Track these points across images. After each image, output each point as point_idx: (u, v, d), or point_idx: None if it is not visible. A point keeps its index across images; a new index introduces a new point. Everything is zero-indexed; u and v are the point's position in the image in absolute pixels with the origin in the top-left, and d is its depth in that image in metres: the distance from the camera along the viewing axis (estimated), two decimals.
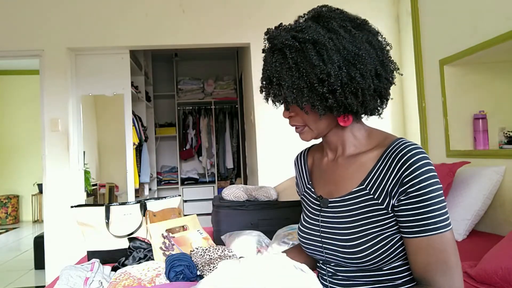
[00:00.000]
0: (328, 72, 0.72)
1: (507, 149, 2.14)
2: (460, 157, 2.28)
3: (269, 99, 0.84)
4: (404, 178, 0.71)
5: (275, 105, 0.86)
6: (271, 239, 1.80)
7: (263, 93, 0.84)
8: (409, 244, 0.72)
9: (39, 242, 3.44)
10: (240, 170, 5.30)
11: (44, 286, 3.14)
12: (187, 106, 5.62)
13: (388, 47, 0.81)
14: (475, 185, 1.95)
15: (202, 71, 5.65)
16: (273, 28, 0.81)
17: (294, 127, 0.85)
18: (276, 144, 3.25)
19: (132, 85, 3.52)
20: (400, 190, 0.72)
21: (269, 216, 1.96)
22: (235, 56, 5.45)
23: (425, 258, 0.70)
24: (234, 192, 2.03)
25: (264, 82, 0.82)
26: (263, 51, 0.82)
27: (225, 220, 1.94)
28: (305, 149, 1.00)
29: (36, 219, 6.29)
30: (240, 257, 1.30)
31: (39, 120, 3.16)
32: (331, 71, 0.73)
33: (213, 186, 5.45)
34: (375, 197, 0.76)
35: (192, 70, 5.68)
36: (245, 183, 4.74)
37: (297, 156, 1.01)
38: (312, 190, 0.91)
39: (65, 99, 3.09)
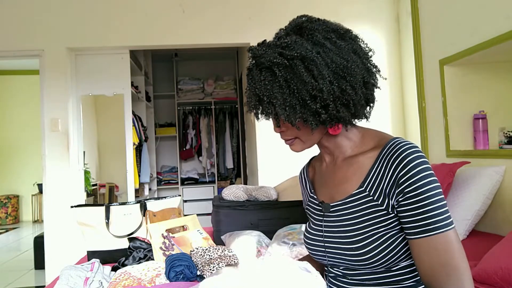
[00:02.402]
0: (321, 88, 0.72)
1: (507, 149, 2.14)
2: (460, 157, 2.28)
3: (260, 116, 0.83)
4: (400, 178, 0.71)
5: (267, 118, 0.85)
6: (271, 239, 1.79)
7: (253, 111, 0.82)
8: (413, 246, 0.71)
9: (39, 242, 3.44)
10: (240, 170, 5.30)
11: (44, 286, 3.14)
12: (187, 106, 5.62)
13: (371, 53, 0.81)
14: (475, 185, 1.95)
15: (202, 71, 5.65)
16: (256, 45, 0.79)
17: (285, 140, 0.84)
18: (276, 144, 3.24)
19: (132, 85, 3.52)
20: (397, 191, 0.72)
21: (269, 216, 1.95)
22: (235, 56, 5.45)
23: (429, 260, 0.68)
24: (234, 192, 2.03)
25: (252, 101, 0.80)
26: (248, 69, 0.80)
27: (225, 220, 1.94)
28: (307, 163, 1.01)
29: (36, 219, 6.29)
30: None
31: (39, 120, 3.16)
32: (323, 87, 0.72)
33: (213, 186, 5.45)
34: (374, 198, 0.76)
35: (192, 70, 5.68)
36: (245, 183, 4.74)
37: (300, 171, 1.02)
38: (315, 197, 0.91)
39: (65, 99, 3.09)
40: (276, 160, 3.23)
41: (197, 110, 5.59)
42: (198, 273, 1.20)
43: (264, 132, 3.27)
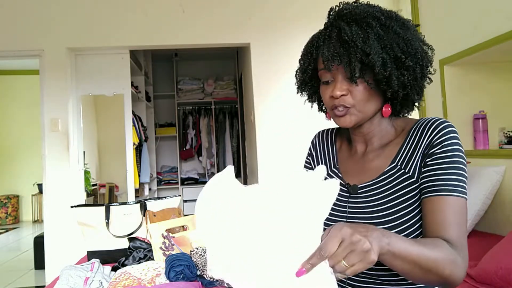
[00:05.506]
0: (416, 48, 0.74)
1: (507, 149, 2.14)
2: None
3: (305, 92, 0.87)
4: (435, 141, 0.74)
5: (304, 97, 0.89)
6: None
7: (334, 61, 0.74)
8: (427, 203, 0.72)
9: (39, 242, 3.44)
10: (240, 170, 5.30)
11: (44, 286, 3.14)
12: (187, 106, 5.62)
13: (425, 47, 0.84)
14: (475, 185, 1.95)
15: (202, 71, 5.65)
16: (342, 3, 0.80)
17: (337, 109, 0.78)
18: (276, 144, 3.24)
19: (132, 85, 3.52)
20: (429, 153, 0.74)
21: None
22: (235, 56, 5.45)
23: (442, 217, 0.70)
24: None
25: (335, 52, 0.73)
26: (330, 24, 0.78)
27: None
28: (332, 129, 0.97)
29: (36, 219, 6.29)
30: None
31: (39, 120, 3.16)
32: (418, 47, 0.75)
33: None
34: (406, 170, 0.77)
35: (192, 70, 5.68)
36: (245, 183, 4.74)
37: (322, 133, 0.98)
38: (340, 175, 0.88)
39: (65, 99, 3.09)
40: (276, 160, 3.23)
41: (197, 110, 5.59)
42: (198, 273, 1.20)
43: (264, 132, 3.27)
